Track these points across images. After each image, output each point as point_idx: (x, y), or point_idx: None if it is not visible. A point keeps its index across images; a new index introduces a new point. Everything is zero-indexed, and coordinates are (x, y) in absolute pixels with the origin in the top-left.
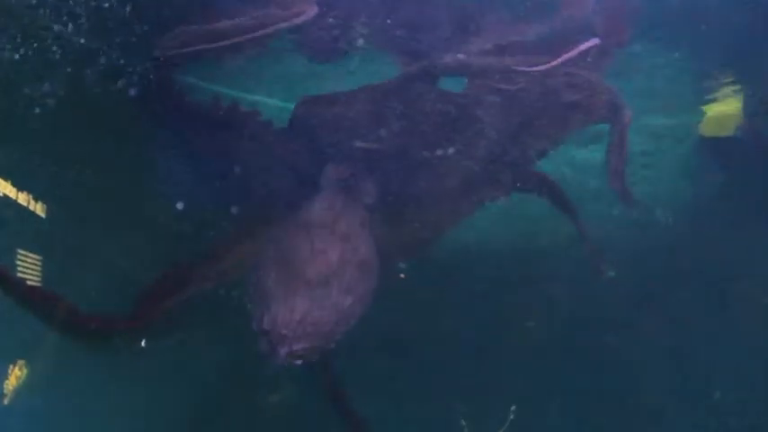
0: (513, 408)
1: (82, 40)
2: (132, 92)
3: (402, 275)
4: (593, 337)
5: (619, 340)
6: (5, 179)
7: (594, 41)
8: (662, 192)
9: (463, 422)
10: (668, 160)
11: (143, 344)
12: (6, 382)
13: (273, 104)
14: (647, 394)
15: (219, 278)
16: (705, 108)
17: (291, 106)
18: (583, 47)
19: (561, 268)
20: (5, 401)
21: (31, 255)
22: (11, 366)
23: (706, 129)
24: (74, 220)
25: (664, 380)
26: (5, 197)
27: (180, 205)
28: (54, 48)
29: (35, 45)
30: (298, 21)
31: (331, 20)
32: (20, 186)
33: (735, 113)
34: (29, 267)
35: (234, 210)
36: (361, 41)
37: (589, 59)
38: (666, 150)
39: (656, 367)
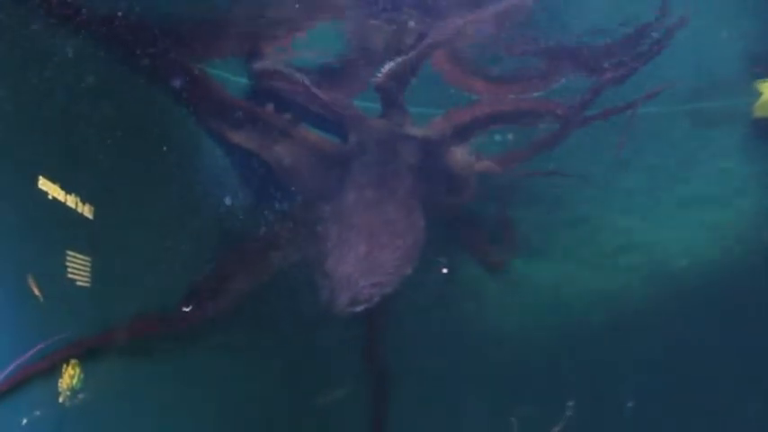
0: (570, 404)
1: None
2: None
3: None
4: None
5: None
6: (53, 182)
7: None
8: None
9: (513, 419)
10: None
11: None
12: (60, 380)
13: None
14: None
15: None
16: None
17: None
18: None
19: None
20: (60, 400)
21: (79, 255)
22: (64, 365)
23: (760, 109)
24: (120, 221)
25: None
26: (54, 199)
27: (228, 201)
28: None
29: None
30: None
31: None
32: (67, 189)
33: None
34: (78, 268)
35: (278, 206)
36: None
37: None
38: None
39: None
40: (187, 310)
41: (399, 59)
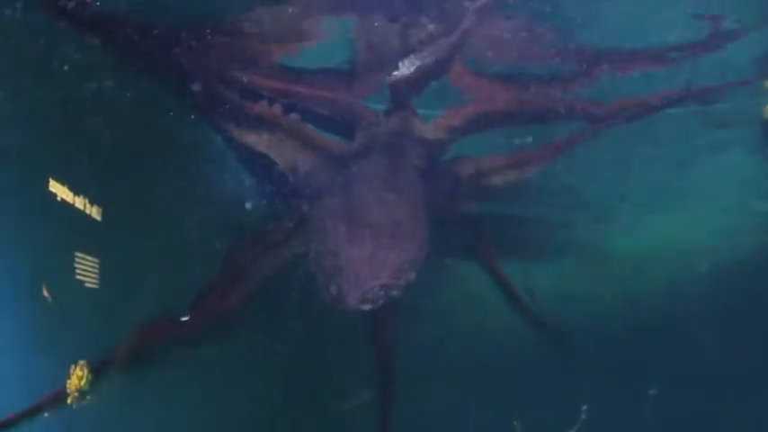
0: (584, 407)
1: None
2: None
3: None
4: None
5: None
6: (62, 184)
7: None
8: None
9: (515, 423)
10: None
11: None
12: (68, 382)
13: None
14: None
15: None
16: None
17: None
18: None
19: None
20: (69, 402)
21: (87, 256)
22: (72, 366)
23: None
24: (129, 224)
25: None
26: (63, 201)
27: (249, 205)
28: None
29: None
30: None
31: None
32: (75, 190)
33: None
34: (86, 268)
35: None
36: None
37: None
38: None
39: None
40: (196, 312)
41: (421, 62)
